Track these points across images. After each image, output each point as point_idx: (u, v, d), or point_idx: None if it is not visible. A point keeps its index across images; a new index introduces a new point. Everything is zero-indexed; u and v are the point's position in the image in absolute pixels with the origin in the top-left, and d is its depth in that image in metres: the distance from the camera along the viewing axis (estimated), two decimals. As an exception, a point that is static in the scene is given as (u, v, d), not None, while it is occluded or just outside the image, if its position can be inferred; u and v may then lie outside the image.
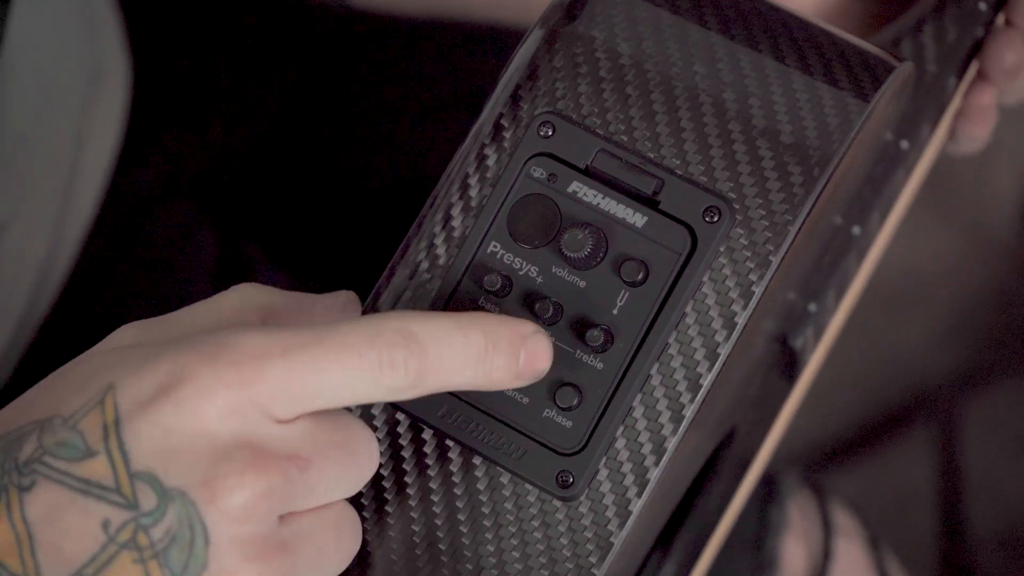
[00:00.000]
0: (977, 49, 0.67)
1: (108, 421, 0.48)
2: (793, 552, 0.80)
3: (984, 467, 1.45)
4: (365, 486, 0.53)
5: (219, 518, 0.47)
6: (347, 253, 0.90)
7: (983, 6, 0.66)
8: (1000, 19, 0.67)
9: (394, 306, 0.54)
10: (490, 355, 0.51)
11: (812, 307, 0.64)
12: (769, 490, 0.81)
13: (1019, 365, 1.49)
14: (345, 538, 0.50)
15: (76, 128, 0.82)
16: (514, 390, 0.52)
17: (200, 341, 0.49)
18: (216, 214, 0.88)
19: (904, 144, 0.65)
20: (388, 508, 0.53)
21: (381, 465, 0.53)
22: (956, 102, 0.68)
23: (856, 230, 0.64)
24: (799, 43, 0.55)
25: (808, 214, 0.52)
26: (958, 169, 1.47)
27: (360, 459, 0.50)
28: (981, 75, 0.68)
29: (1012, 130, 0.68)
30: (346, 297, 0.55)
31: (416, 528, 0.53)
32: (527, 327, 0.51)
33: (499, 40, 0.89)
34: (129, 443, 0.47)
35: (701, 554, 0.69)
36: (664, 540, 0.67)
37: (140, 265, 0.83)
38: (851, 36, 0.56)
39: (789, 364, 0.65)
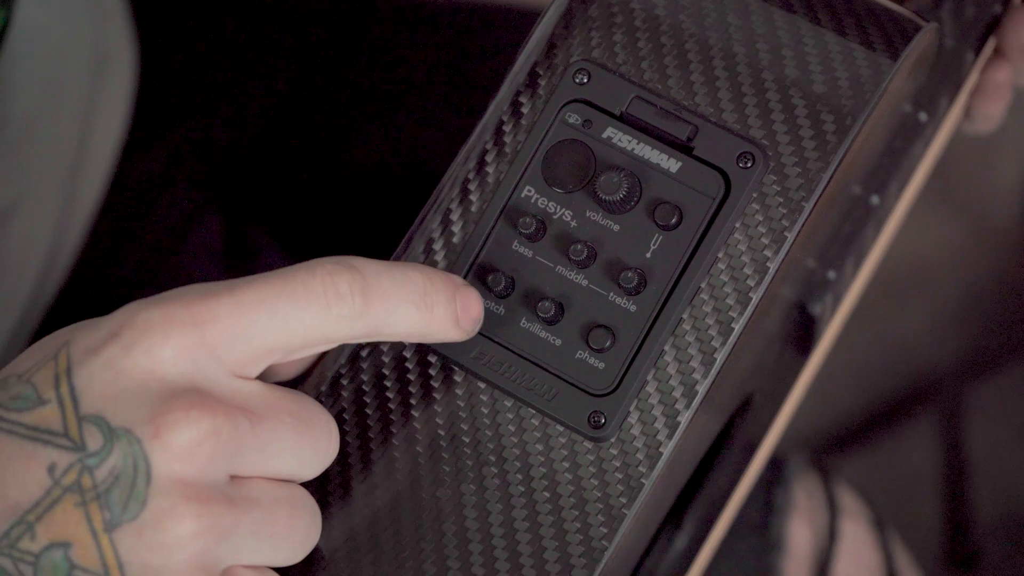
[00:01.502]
0: (994, 26, 0.67)
1: (60, 370, 0.48)
2: (799, 533, 0.80)
3: (988, 454, 1.45)
4: (397, 428, 0.53)
5: (162, 455, 0.47)
6: (354, 237, 0.90)
7: None
8: None
9: (427, 252, 0.54)
10: (429, 292, 0.51)
11: (831, 275, 0.64)
12: (775, 472, 0.81)
13: (1022, 352, 1.49)
14: (300, 521, 0.50)
15: (82, 114, 0.82)
16: (548, 332, 0.53)
17: (150, 296, 0.49)
18: (222, 199, 0.88)
19: (923, 116, 0.65)
20: (419, 448, 0.53)
21: (412, 407, 0.53)
22: (973, 78, 0.68)
23: (875, 200, 0.65)
24: (830, 2, 0.55)
25: (838, 165, 0.53)
26: (962, 158, 1.48)
27: (316, 435, 0.50)
28: (998, 52, 0.68)
29: (1016, 120, 0.68)
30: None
31: (446, 468, 0.53)
32: (458, 278, 0.52)
33: (513, 23, 0.89)
34: (79, 387, 0.48)
35: (712, 528, 0.69)
36: (676, 513, 0.67)
37: (146, 250, 0.84)
38: None
39: (806, 332, 0.66)
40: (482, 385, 0.53)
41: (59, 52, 0.81)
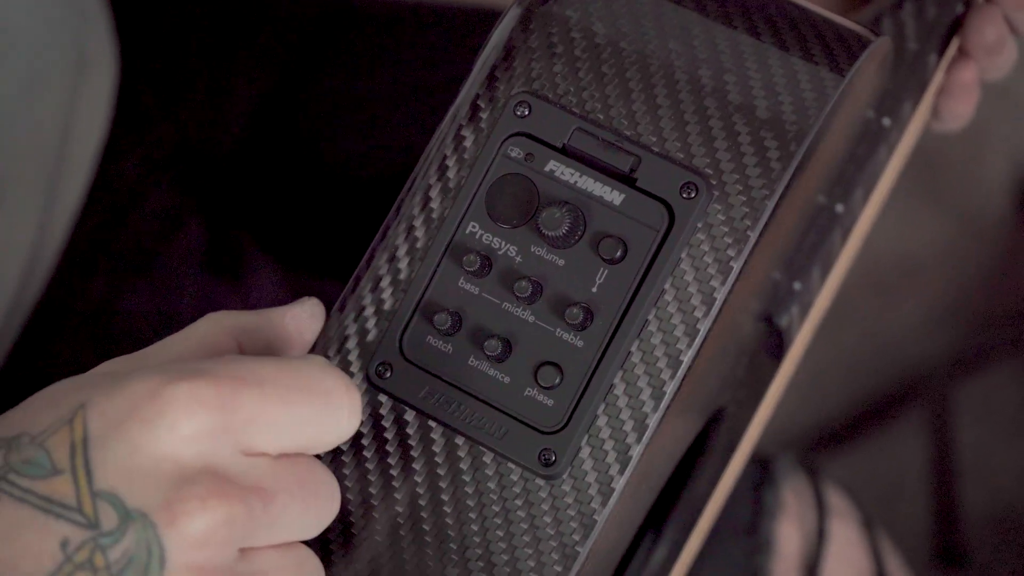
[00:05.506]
0: (957, 25, 0.66)
1: (76, 439, 0.47)
2: (788, 534, 0.80)
3: (977, 451, 1.45)
4: (349, 468, 0.53)
5: (177, 542, 0.47)
6: (337, 240, 0.89)
7: None
8: None
9: (375, 291, 0.54)
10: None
11: (797, 285, 0.64)
12: (764, 473, 0.81)
13: (1011, 349, 1.50)
14: None
15: (63, 116, 0.82)
16: (496, 370, 0.53)
17: (176, 365, 0.49)
18: (203, 201, 0.88)
19: (886, 122, 0.64)
20: (371, 490, 0.53)
21: (364, 447, 0.53)
22: (938, 79, 0.67)
23: (839, 208, 0.64)
24: (774, 19, 0.54)
25: (786, 189, 0.52)
26: (950, 154, 1.48)
27: (322, 499, 0.50)
28: (962, 52, 0.67)
29: (1004, 115, 0.68)
30: (311, 303, 0.55)
31: (400, 509, 0.53)
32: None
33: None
34: (95, 461, 0.47)
35: (689, 535, 0.68)
36: (655, 524, 0.67)
37: (128, 252, 0.83)
38: (826, 12, 0.56)
39: (775, 343, 0.65)
40: (434, 424, 0.53)
41: (39, 53, 0.81)
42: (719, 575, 0.78)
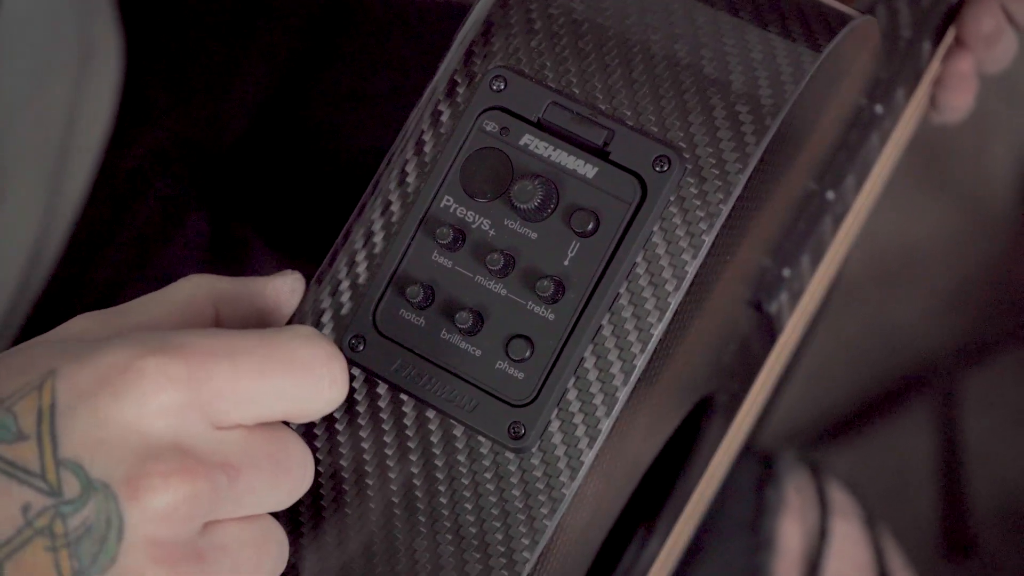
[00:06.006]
0: (954, 14, 0.66)
1: (44, 406, 0.47)
2: (790, 532, 0.80)
3: (983, 441, 1.45)
4: (320, 441, 0.53)
5: (138, 516, 0.47)
6: (338, 235, 0.89)
7: None
8: None
9: (350, 265, 0.54)
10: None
11: (786, 272, 0.64)
12: (766, 470, 0.81)
13: (1017, 338, 1.50)
14: (267, 556, 0.50)
15: (68, 106, 0.82)
16: (467, 342, 0.53)
17: (148, 336, 0.48)
18: (207, 194, 0.88)
19: (879, 109, 0.64)
20: (343, 463, 0.53)
21: (336, 420, 0.53)
22: (933, 68, 0.67)
23: (830, 195, 0.64)
24: None
25: (760, 163, 0.52)
26: (955, 144, 1.47)
27: (293, 473, 0.50)
28: (958, 41, 0.67)
29: (1009, 104, 0.67)
30: (292, 277, 0.54)
31: (370, 482, 0.53)
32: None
33: None
34: (61, 429, 0.47)
35: (676, 522, 0.68)
36: (648, 516, 0.67)
37: (132, 244, 0.83)
38: None
39: (765, 330, 0.65)
40: (405, 397, 0.53)
41: (45, 44, 0.81)
42: (720, 572, 0.78)
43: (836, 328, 1.35)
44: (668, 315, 0.51)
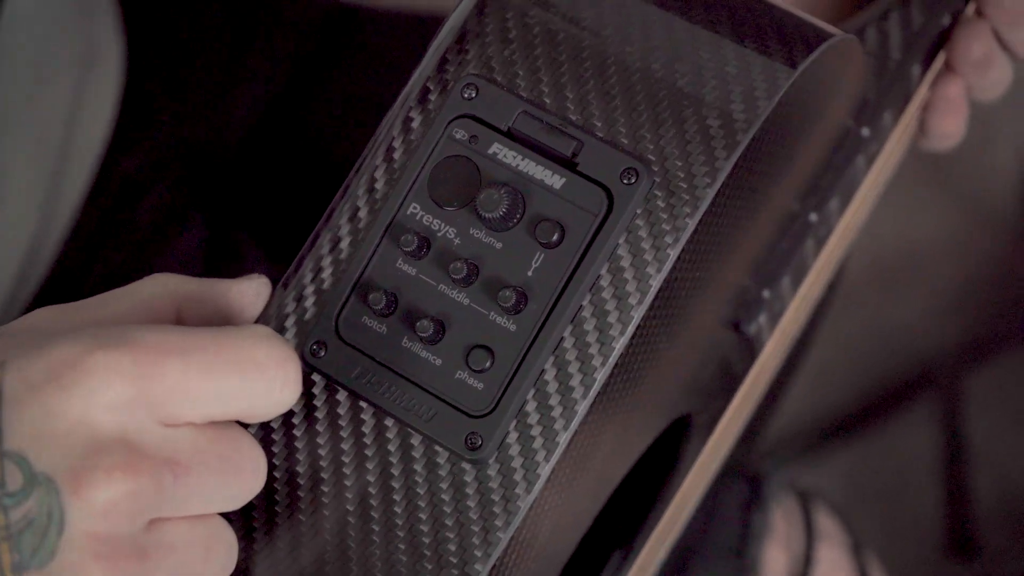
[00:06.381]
0: (944, 39, 0.65)
1: None
2: (775, 558, 0.79)
3: (987, 440, 1.46)
4: (277, 445, 0.53)
5: (79, 510, 0.46)
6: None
7: None
8: (970, 9, 0.65)
9: (316, 270, 0.54)
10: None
11: (766, 293, 0.63)
12: (753, 494, 0.80)
13: (1019, 338, 1.51)
14: (215, 557, 0.50)
15: (67, 110, 0.82)
16: (428, 351, 0.52)
17: (101, 331, 0.48)
18: (205, 201, 0.88)
19: (865, 131, 0.63)
20: (299, 468, 0.53)
21: (294, 425, 0.53)
22: (923, 93, 0.66)
23: (813, 217, 0.63)
24: (733, 12, 0.54)
25: (729, 179, 0.51)
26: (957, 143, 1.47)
27: (243, 474, 0.50)
28: (948, 66, 0.66)
29: (1012, 105, 0.66)
30: (258, 282, 0.54)
31: (326, 489, 0.53)
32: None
33: None
34: (7, 421, 0.47)
35: (647, 539, 0.67)
36: (623, 537, 0.66)
37: (128, 249, 0.83)
38: (790, 7, 0.55)
39: (743, 351, 0.64)
40: (364, 405, 0.53)
41: (46, 46, 0.81)
42: (705, 596, 0.78)
43: (838, 329, 1.35)
44: (630, 329, 0.51)
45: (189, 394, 0.48)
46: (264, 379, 0.49)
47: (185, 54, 0.89)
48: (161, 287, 0.52)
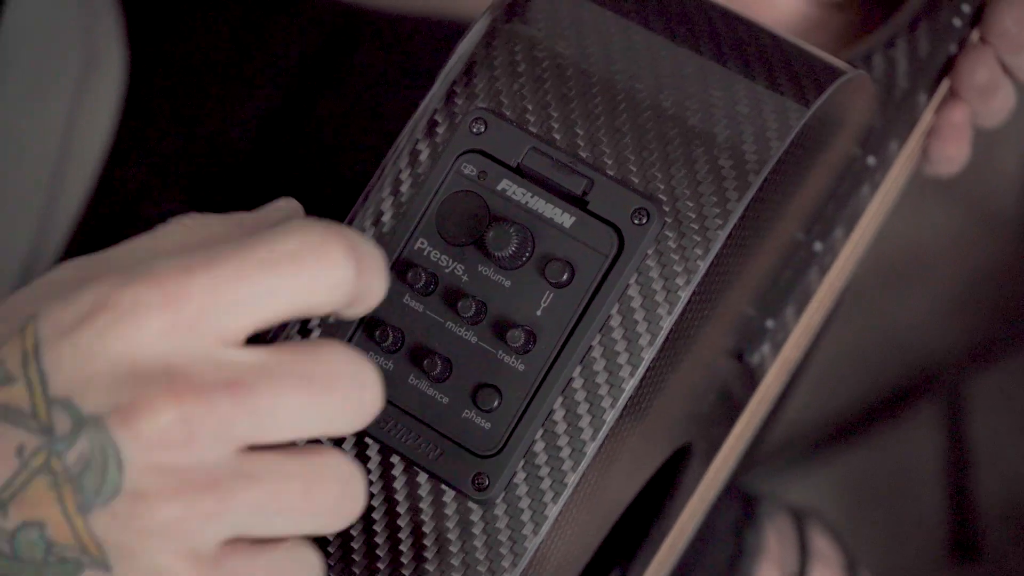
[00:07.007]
0: (949, 66, 0.65)
1: (28, 348, 0.47)
2: (768, 578, 0.79)
3: (991, 442, 1.45)
4: None
5: (132, 445, 0.46)
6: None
7: (957, 22, 0.65)
8: (974, 36, 0.65)
9: None
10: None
11: (770, 323, 0.63)
12: (747, 513, 0.80)
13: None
14: (322, 492, 0.47)
15: (67, 118, 0.82)
16: (435, 389, 0.52)
17: (123, 269, 0.47)
18: (207, 210, 0.87)
19: (871, 160, 0.63)
20: None
21: None
22: (927, 120, 0.66)
23: (818, 246, 0.63)
24: (744, 47, 0.54)
25: (742, 219, 0.51)
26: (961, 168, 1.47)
27: (340, 390, 0.47)
28: (953, 92, 0.66)
29: (1016, 106, 0.66)
30: (287, 205, 0.53)
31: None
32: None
33: None
34: (48, 369, 0.47)
35: (648, 564, 0.67)
36: (624, 569, 0.66)
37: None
38: (802, 42, 0.55)
39: (745, 380, 0.64)
40: (370, 442, 0.52)
41: (47, 52, 0.81)
42: (697, 615, 0.78)
43: (842, 330, 1.34)
44: (641, 370, 0.51)
45: (224, 305, 0.46)
46: (305, 268, 0.46)
47: (187, 62, 0.89)
48: (186, 230, 0.51)
